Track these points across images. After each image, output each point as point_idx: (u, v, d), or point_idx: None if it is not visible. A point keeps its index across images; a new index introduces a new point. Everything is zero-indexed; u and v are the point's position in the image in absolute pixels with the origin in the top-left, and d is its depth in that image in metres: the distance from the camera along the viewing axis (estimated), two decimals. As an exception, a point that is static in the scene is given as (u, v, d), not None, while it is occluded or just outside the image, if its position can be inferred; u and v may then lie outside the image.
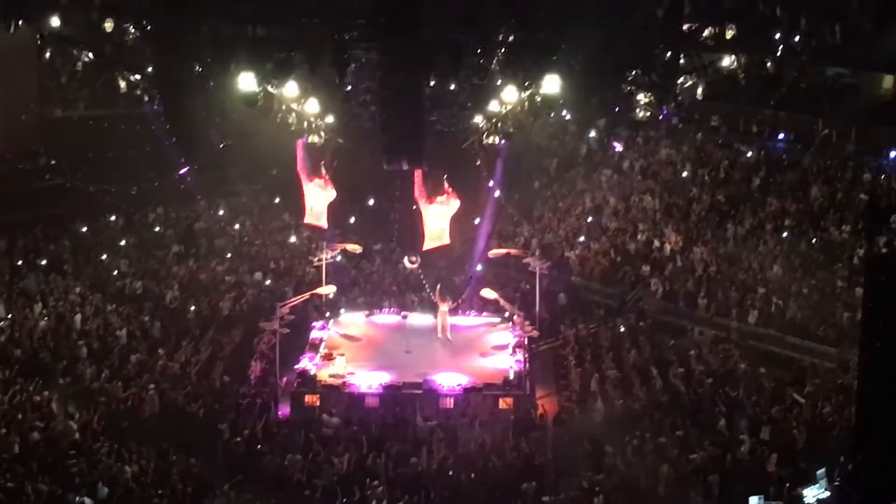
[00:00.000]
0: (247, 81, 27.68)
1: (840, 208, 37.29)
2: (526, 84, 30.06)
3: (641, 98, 32.65)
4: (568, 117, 37.98)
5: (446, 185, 33.11)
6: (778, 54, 31.75)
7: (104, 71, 31.97)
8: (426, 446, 26.40)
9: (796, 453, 26.14)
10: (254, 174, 44.77)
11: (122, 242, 39.51)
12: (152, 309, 34.35)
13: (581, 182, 43.82)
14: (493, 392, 29.25)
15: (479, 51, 32.15)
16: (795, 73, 37.77)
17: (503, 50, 32.40)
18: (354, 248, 36.53)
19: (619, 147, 43.80)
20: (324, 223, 34.05)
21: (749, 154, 41.89)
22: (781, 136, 42.04)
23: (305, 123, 31.87)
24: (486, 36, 32.96)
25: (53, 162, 42.39)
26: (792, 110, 42.08)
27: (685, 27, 31.49)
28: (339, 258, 36.66)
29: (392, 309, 35.54)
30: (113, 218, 41.44)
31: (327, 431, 27.35)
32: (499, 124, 32.28)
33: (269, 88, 29.67)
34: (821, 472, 23.98)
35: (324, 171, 33.09)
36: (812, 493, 23.43)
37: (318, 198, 33.45)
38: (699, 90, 32.32)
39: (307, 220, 34.48)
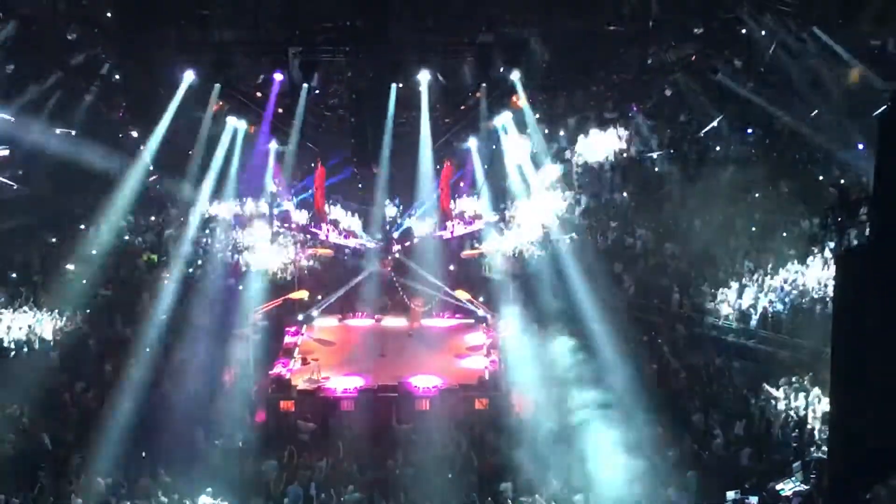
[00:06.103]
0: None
1: (810, 202, 37.43)
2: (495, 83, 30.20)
3: (610, 95, 32.84)
4: (537, 116, 38.07)
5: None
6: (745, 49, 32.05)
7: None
8: (402, 448, 26.34)
9: (772, 447, 26.26)
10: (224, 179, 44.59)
11: (93, 251, 39.12)
12: (124, 317, 34.04)
13: (552, 180, 43.71)
14: (468, 393, 29.20)
15: (447, 52, 32.31)
16: (763, 67, 37.97)
17: (472, 50, 32.58)
18: (326, 252, 36.38)
19: (588, 144, 43.91)
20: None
21: (718, 148, 41.93)
22: (750, 130, 42.11)
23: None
24: (455, 37, 33.10)
25: (21, 172, 41.99)
26: (761, 104, 42.25)
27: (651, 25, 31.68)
28: (312, 262, 36.51)
29: (365, 313, 35.38)
30: (82, 227, 41.03)
31: (303, 437, 27.24)
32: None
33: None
34: (797, 465, 24.13)
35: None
36: (788, 487, 23.57)
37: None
38: (667, 87, 32.54)
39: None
